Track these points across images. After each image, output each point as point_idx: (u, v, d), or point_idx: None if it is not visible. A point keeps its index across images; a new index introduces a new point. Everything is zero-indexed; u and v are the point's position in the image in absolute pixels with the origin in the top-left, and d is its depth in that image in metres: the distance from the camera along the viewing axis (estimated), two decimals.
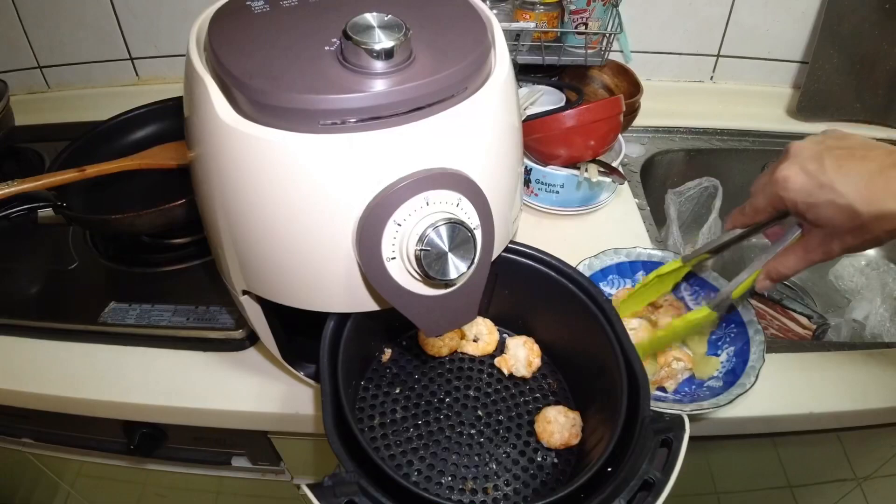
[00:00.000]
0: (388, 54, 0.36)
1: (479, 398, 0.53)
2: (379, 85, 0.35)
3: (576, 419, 0.50)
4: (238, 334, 0.64)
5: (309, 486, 0.36)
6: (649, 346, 0.61)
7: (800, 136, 0.50)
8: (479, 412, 0.52)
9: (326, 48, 0.38)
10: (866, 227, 0.44)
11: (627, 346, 0.46)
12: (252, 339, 0.65)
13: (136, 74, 1.08)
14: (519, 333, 0.58)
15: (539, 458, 0.49)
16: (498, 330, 0.59)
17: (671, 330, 0.59)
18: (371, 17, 0.36)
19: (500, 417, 0.52)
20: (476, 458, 0.49)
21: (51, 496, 0.99)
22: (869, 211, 0.43)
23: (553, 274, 0.52)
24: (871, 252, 1.02)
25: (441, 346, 0.56)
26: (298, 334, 0.54)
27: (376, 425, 0.50)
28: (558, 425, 0.49)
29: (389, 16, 0.37)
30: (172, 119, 0.81)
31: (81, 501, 0.99)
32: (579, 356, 0.53)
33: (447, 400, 0.53)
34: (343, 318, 0.46)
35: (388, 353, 0.56)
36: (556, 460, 0.49)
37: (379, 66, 0.36)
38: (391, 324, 0.42)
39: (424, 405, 0.52)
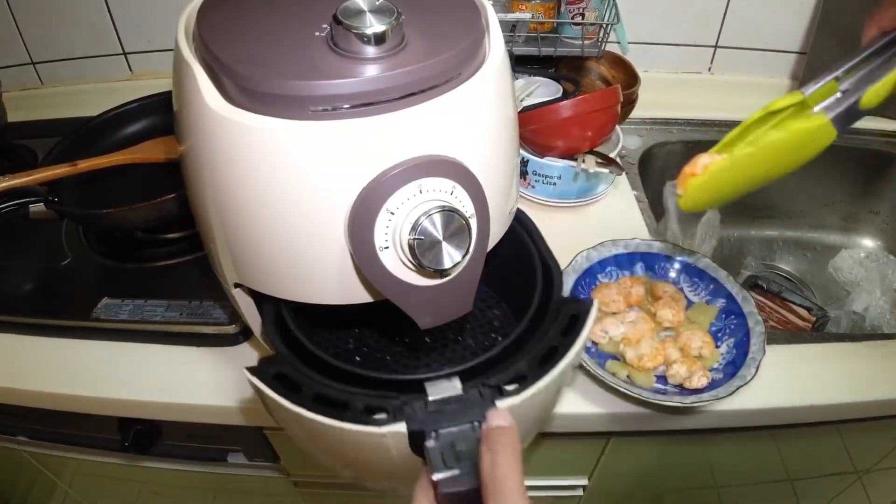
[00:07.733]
0: (379, 39, 0.35)
1: (431, 331, 0.55)
2: (371, 70, 0.35)
3: None
4: (231, 329, 0.63)
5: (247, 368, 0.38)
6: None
7: None
8: (427, 339, 0.55)
9: (317, 34, 0.37)
10: None
11: (541, 245, 0.50)
12: (246, 334, 0.64)
13: (130, 70, 1.07)
14: None
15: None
16: None
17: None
18: (362, 2, 0.36)
19: (446, 342, 0.55)
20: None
21: (48, 495, 0.98)
22: None
23: None
24: (870, 244, 1.02)
25: None
26: None
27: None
28: None
29: (381, 0, 0.36)
30: (164, 113, 0.80)
31: (79, 501, 0.98)
32: (512, 275, 0.54)
33: (398, 338, 0.56)
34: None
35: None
36: None
37: (370, 51, 0.35)
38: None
39: (377, 335, 0.56)
